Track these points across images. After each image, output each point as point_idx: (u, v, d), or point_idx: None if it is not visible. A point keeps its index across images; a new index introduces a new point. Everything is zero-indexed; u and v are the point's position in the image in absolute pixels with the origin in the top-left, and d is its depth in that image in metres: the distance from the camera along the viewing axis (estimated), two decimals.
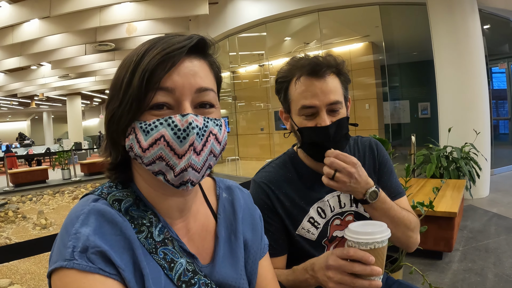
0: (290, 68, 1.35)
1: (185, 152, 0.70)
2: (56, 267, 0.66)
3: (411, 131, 6.86)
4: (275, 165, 1.47)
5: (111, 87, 0.77)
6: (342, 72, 1.33)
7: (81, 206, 0.73)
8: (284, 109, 1.41)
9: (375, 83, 9.52)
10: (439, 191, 3.20)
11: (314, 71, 1.27)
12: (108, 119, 0.76)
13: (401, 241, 1.36)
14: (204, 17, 10.18)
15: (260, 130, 12.54)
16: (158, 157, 0.70)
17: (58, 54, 11.91)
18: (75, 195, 11.87)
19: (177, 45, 0.72)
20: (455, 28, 6.21)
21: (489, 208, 5.58)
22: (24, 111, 32.93)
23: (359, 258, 0.92)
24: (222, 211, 0.96)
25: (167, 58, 0.71)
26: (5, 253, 1.85)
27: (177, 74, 0.72)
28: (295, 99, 1.32)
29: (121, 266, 0.68)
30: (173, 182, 0.73)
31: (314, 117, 1.29)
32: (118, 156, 0.80)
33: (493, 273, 3.36)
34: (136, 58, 0.72)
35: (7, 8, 8.22)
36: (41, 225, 8.89)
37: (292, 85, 1.33)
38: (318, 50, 9.34)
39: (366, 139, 1.53)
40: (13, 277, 5.77)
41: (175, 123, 0.70)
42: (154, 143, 0.70)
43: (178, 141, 0.69)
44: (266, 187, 1.39)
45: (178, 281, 0.76)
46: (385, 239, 0.93)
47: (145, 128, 0.71)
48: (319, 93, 1.26)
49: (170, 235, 0.80)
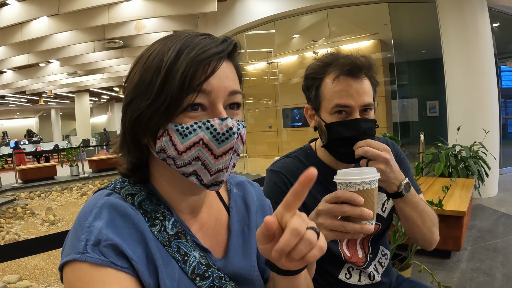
0: (322, 65, 1.34)
1: (223, 154, 0.71)
2: (69, 259, 0.67)
3: (419, 130, 6.84)
4: (292, 158, 1.47)
5: (133, 86, 0.74)
6: (373, 75, 1.34)
7: (94, 200, 0.74)
8: (311, 106, 1.40)
9: (383, 81, 9.46)
10: (448, 189, 3.18)
11: (354, 72, 1.26)
12: (133, 118, 0.74)
13: (426, 238, 1.34)
14: (212, 14, 10.18)
15: (268, 128, 12.52)
16: (195, 158, 0.71)
17: (66, 51, 11.97)
18: (83, 192, 11.95)
19: (215, 49, 0.72)
20: (464, 26, 6.17)
21: (498, 207, 5.55)
22: (32, 108, 33.12)
23: (347, 199, 0.91)
24: (234, 205, 0.97)
25: (207, 63, 0.71)
26: (15, 250, 1.86)
27: (214, 77, 0.72)
28: (329, 98, 1.30)
29: (134, 258, 0.68)
30: (206, 182, 0.73)
31: (347, 116, 1.28)
32: (141, 156, 0.80)
33: (501, 273, 3.34)
34: (168, 59, 0.71)
35: (16, 5, 8.27)
36: (49, 221, 8.95)
37: (325, 82, 1.32)
38: (327, 48, 9.31)
39: (382, 140, 1.51)
40: (21, 273, 5.82)
41: (214, 127, 0.70)
42: (192, 146, 0.70)
43: (216, 143, 0.70)
44: (283, 176, 1.39)
45: (192, 274, 0.77)
46: (374, 179, 0.92)
47: (182, 131, 0.70)
48: (355, 94, 1.26)
49: (182, 229, 0.80)
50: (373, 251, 1.45)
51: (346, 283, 1.39)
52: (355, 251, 1.41)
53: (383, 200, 1.44)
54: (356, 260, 1.40)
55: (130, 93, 0.75)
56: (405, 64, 9.94)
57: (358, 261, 1.40)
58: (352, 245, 1.41)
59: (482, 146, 6.00)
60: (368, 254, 1.43)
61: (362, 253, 1.42)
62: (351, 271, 1.40)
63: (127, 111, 0.75)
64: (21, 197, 10.95)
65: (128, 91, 0.75)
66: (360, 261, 1.40)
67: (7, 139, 29.69)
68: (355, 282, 1.40)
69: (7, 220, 9.15)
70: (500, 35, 8.61)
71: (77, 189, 12.31)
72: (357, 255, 1.41)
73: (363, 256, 1.42)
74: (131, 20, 9.20)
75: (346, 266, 1.40)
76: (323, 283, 1.39)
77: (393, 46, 8.84)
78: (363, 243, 1.44)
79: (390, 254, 1.55)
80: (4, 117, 34.41)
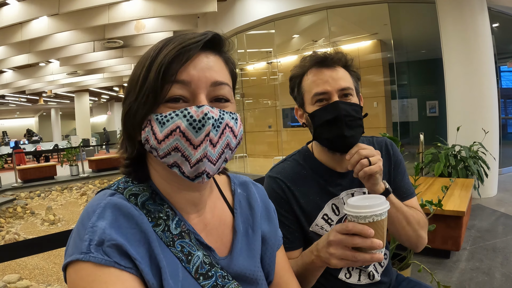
0: (301, 65, 1.40)
1: (201, 143, 0.71)
2: (72, 259, 0.67)
3: (419, 130, 6.84)
4: (290, 161, 1.49)
5: (128, 83, 0.78)
6: (351, 68, 1.38)
7: (97, 200, 0.74)
8: (298, 104, 1.45)
9: (383, 81, 9.47)
10: (447, 189, 3.19)
11: (324, 61, 1.33)
12: (125, 113, 0.77)
13: (411, 241, 1.36)
14: (212, 14, 10.17)
15: (267, 128, 12.53)
16: (174, 148, 0.71)
17: (66, 51, 11.96)
18: (83, 191, 11.95)
19: (193, 39, 0.74)
20: (464, 27, 6.18)
21: (497, 207, 5.55)
22: (32, 107, 33.10)
23: (359, 232, 0.92)
24: (239, 206, 0.97)
25: (182, 52, 0.72)
26: (16, 250, 1.86)
27: (193, 68, 0.73)
28: (308, 89, 1.36)
29: (137, 258, 0.69)
30: (189, 174, 0.73)
31: (327, 103, 1.31)
32: (133, 151, 0.81)
33: (501, 273, 3.35)
34: (152, 54, 0.74)
35: (16, 5, 8.26)
36: (49, 221, 8.95)
37: (304, 78, 1.39)
38: (327, 47, 9.28)
39: (381, 139, 1.54)
40: (21, 272, 5.82)
41: (191, 114, 0.70)
42: (169, 134, 0.70)
43: (193, 131, 0.70)
44: (282, 182, 1.40)
45: (196, 273, 0.77)
46: (384, 211, 0.93)
47: (161, 119, 0.71)
48: (330, 80, 1.31)
49: (186, 228, 0.81)
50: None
51: (346, 282, 1.40)
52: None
53: None
54: None
55: (125, 91, 0.79)
56: (404, 64, 9.95)
57: None
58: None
59: (482, 146, 6.00)
60: None
61: None
62: (351, 271, 1.41)
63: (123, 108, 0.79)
64: (21, 196, 10.94)
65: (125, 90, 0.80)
66: None
67: (6, 138, 29.68)
68: (355, 282, 1.41)
69: (7, 219, 9.14)
70: (500, 35, 8.60)
71: (77, 189, 12.31)
72: None
73: None
74: (131, 20, 9.19)
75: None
76: (323, 283, 1.40)
77: (392, 46, 8.84)
78: None
79: (389, 254, 1.56)
80: (4, 117, 34.39)
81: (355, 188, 1.42)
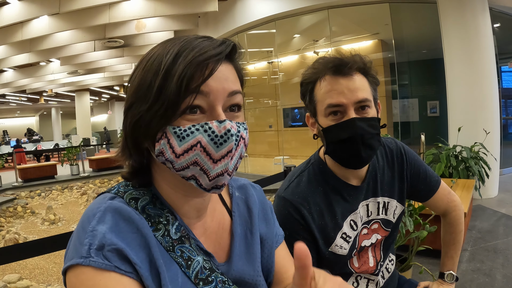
0: (314, 70, 1.27)
1: (221, 158, 0.70)
2: (72, 264, 0.66)
3: (420, 130, 6.83)
4: (305, 178, 1.36)
5: (133, 89, 0.74)
6: (370, 72, 1.27)
7: (97, 204, 0.73)
8: (310, 113, 1.33)
9: (384, 81, 9.46)
10: None
11: (339, 69, 1.20)
12: (133, 122, 0.74)
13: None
14: (213, 13, 10.18)
15: (268, 127, 12.53)
16: (193, 162, 0.70)
17: (67, 50, 11.96)
18: (83, 191, 11.95)
19: (213, 51, 0.71)
20: (465, 27, 6.17)
21: (498, 208, 5.55)
22: (32, 106, 33.13)
23: None
24: (237, 209, 0.96)
25: (205, 65, 0.70)
26: (17, 252, 1.86)
27: (212, 79, 0.71)
28: (321, 99, 1.24)
29: (137, 263, 0.68)
30: (206, 186, 0.73)
31: (342, 116, 1.21)
32: (142, 160, 0.80)
33: (502, 274, 3.34)
34: (166, 62, 0.70)
35: (17, 4, 8.27)
36: (49, 221, 8.95)
37: (317, 86, 1.26)
38: (328, 47, 9.32)
39: (391, 142, 1.46)
40: (22, 272, 5.82)
41: (212, 129, 0.69)
42: (189, 149, 0.69)
43: (215, 146, 0.69)
44: (299, 204, 1.28)
45: (196, 278, 0.76)
46: None
47: (180, 134, 0.70)
48: (346, 91, 1.19)
49: (186, 233, 0.80)
50: (384, 258, 1.43)
51: None
52: (366, 259, 1.37)
53: (393, 208, 1.40)
54: (366, 269, 1.37)
55: (130, 97, 0.75)
56: (405, 64, 9.93)
57: (368, 269, 1.37)
58: (364, 254, 1.38)
59: (483, 146, 5.99)
60: (379, 262, 1.40)
61: (373, 261, 1.39)
62: (358, 280, 1.38)
63: (127, 115, 0.75)
64: (21, 196, 10.94)
65: (129, 95, 0.75)
66: (371, 269, 1.38)
67: (7, 138, 29.69)
68: None
69: (7, 219, 9.14)
70: (501, 35, 8.60)
71: (77, 188, 12.31)
72: (368, 264, 1.37)
73: (374, 264, 1.38)
74: (132, 19, 9.20)
75: (354, 275, 1.38)
76: None
77: (394, 46, 8.84)
78: (375, 251, 1.40)
79: (395, 259, 1.54)
80: (4, 116, 34.43)
81: (370, 198, 1.36)
